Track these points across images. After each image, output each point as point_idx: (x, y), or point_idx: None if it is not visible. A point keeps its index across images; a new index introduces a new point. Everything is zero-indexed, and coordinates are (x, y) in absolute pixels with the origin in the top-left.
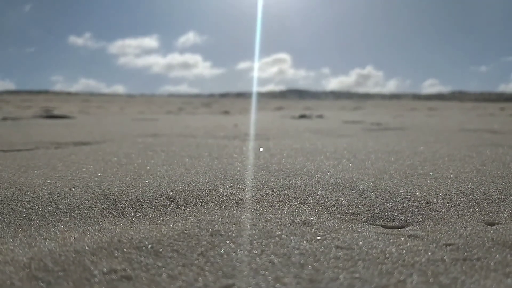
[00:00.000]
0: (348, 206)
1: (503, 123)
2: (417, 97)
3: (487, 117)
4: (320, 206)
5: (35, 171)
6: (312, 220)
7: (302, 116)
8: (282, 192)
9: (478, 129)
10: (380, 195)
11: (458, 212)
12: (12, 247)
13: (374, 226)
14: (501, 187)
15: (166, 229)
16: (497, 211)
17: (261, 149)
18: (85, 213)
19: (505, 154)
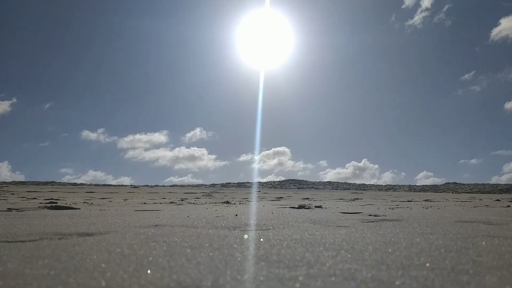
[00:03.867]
0: None
1: (499, 214)
2: (413, 188)
3: (483, 208)
4: None
5: (40, 262)
6: None
7: (301, 207)
8: (281, 283)
9: (474, 220)
10: (377, 286)
11: None
12: None
13: None
14: (496, 278)
15: None
16: None
17: (261, 240)
18: None
19: (500, 245)
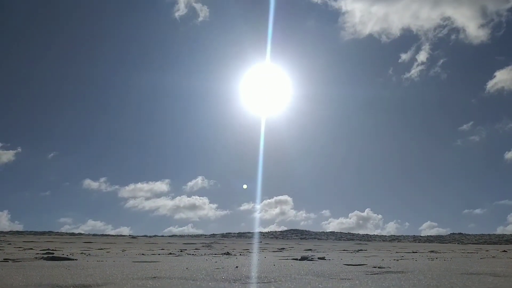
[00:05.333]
0: None
1: (505, 265)
2: (417, 239)
3: (490, 260)
4: None
5: None
6: None
7: (304, 258)
8: None
9: (480, 272)
10: None
11: None
12: None
13: None
14: None
15: None
16: None
17: None
18: None
19: None
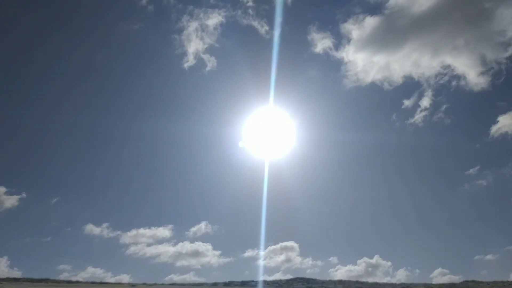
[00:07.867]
0: None
1: None
2: (429, 287)
3: None
4: None
5: None
6: None
7: None
8: None
9: None
10: None
11: None
12: None
13: None
14: None
15: None
16: None
17: None
18: None
19: None
